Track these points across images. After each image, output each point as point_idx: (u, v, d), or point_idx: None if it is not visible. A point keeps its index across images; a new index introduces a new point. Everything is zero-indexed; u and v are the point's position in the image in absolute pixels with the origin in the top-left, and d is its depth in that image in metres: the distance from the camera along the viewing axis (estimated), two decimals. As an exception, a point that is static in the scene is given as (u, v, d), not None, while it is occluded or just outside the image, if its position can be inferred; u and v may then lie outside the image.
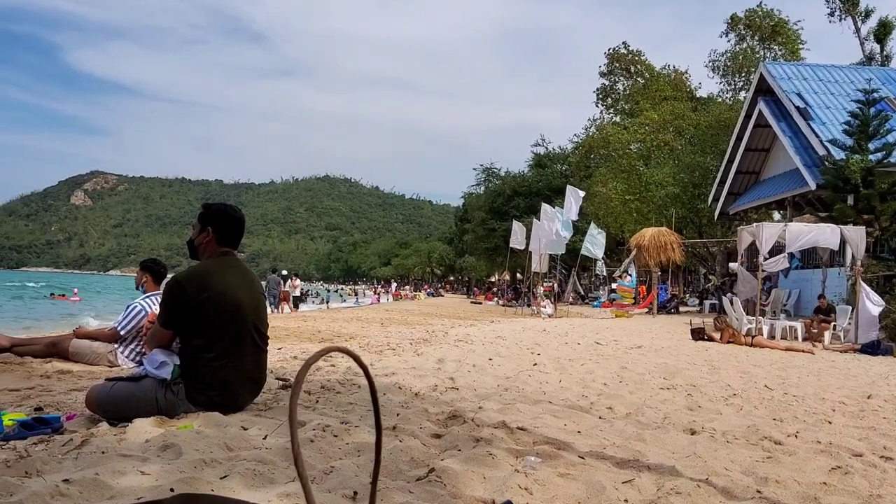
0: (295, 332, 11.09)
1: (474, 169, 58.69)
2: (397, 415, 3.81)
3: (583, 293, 38.93)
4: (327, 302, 43.66)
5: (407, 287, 72.13)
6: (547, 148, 52.71)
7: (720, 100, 35.90)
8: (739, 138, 24.97)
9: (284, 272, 22.22)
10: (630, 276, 28.96)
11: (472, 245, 56.06)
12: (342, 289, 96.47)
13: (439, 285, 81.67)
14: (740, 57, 34.32)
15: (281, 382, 4.75)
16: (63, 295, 36.82)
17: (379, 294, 55.54)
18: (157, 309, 6.06)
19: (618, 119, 40.43)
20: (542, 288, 27.41)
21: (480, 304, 38.80)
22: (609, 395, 5.21)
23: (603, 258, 31.26)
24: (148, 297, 6.46)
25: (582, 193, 24.24)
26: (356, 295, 58.75)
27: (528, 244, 26.42)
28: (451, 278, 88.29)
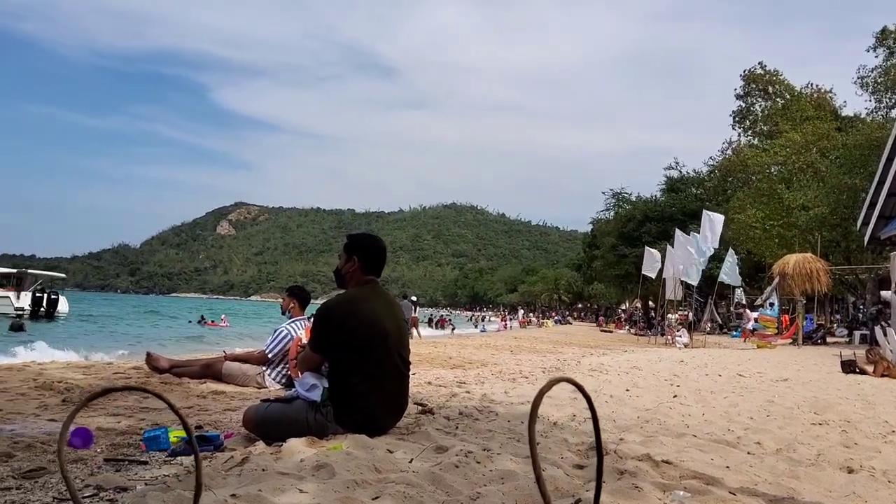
0: (426, 357, 11.26)
1: (603, 193, 57.89)
2: (537, 443, 3.80)
3: (721, 322, 37.31)
4: (453, 328, 44.08)
5: (532, 315, 71.70)
6: (680, 171, 51.22)
7: (870, 119, 33.67)
8: (891, 159, 23.28)
9: (413, 298, 22.74)
10: (772, 304, 27.50)
11: (602, 272, 55.07)
12: (460, 315, 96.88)
13: (567, 313, 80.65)
14: (892, 72, 32.11)
15: (419, 407, 4.84)
16: (213, 321, 39.18)
17: (506, 321, 55.45)
18: (302, 334, 6.37)
19: (756, 141, 38.69)
20: (675, 316, 26.52)
21: (611, 332, 38.00)
22: (756, 430, 4.96)
23: (742, 285, 29.88)
24: (294, 321, 6.77)
25: (721, 218, 23.24)
26: (482, 321, 58.90)
27: (661, 271, 25.68)
28: (580, 305, 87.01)
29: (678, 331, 24.06)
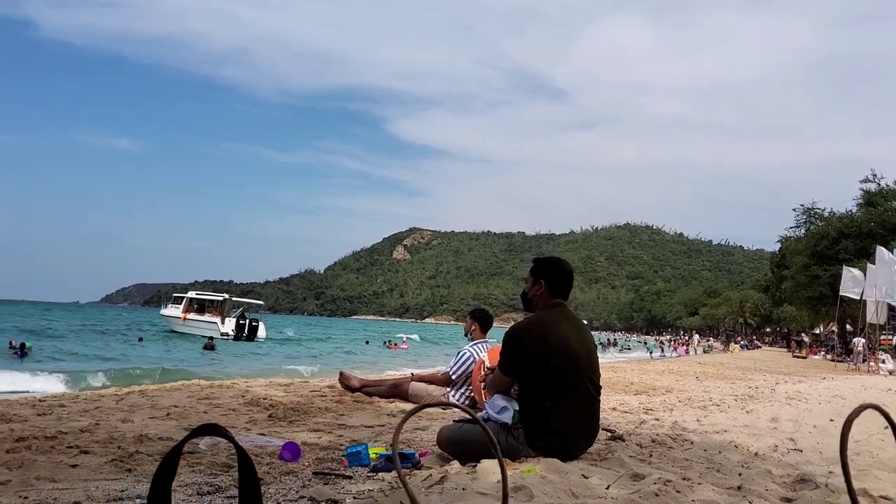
0: (607, 382, 10.97)
1: (793, 210, 54.03)
2: (739, 474, 3.62)
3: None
4: (651, 352, 43.03)
5: (711, 339, 68.06)
6: (878, 183, 46.92)
7: None
8: None
9: (584, 321, 22.54)
10: None
11: (792, 293, 51.38)
12: (634, 339, 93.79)
13: (754, 337, 75.96)
14: None
15: (608, 433, 4.76)
16: (395, 344, 40.87)
17: (687, 345, 53.14)
18: (485, 356, 6.46)
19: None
20: (862, 340, 24.23)
21: (804, 358, 35.31)
22: None
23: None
24: (476, 344, 6.89)
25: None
26: (662, 347, 56.83)
27: (862, 292, 23.60)
28: (767, 329, 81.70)
29: (882, 357, 21.96)
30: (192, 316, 40.29)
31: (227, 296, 42.42)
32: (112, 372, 15.06)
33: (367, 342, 44.75)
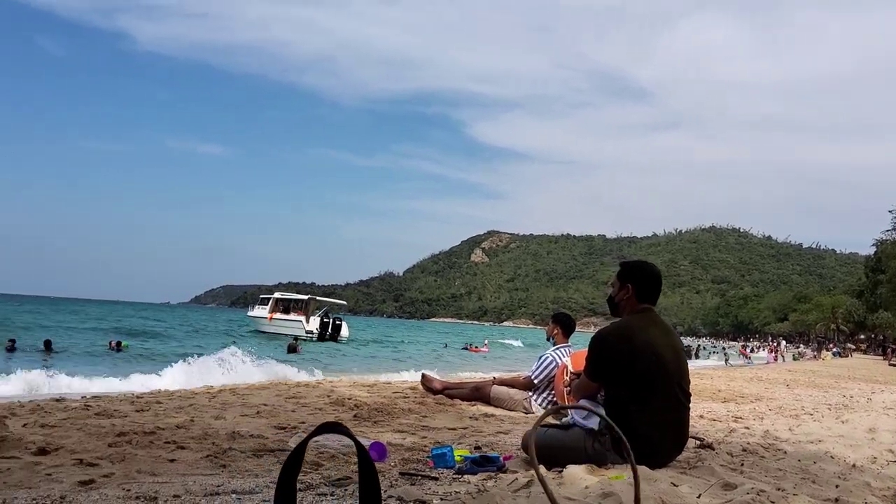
0: (692, 389, 10.75)
1: (890, 212, 51.52)
2: (836, 486, 3.47)
3: None
4: (726, 359, 41.79)
5: (801, 345, 65.38)
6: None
7: None
8: None
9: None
10: None
11: (889, 298, 49.06)
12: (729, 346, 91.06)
13: (847, 344, 72.70)
14: None
15: (697, 441, 4.64)
16: (476, 347, 40.94)
17: (776, 352, 51.28)
18: (567, 360, 6.41)
19: None
20: None
21: (903, 366, 33.57)
22: None
23: None
24: (558, 348, 6.84)
25: None
26: (746, 354, 54.96)
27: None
28: (861, 336, 78.04)
29: None
30: (278, 316, 41.40)
31: (310, 296, 43.35)
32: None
33: (446, 345, 45.01)
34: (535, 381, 6.82)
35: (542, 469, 3.55)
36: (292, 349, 25.95)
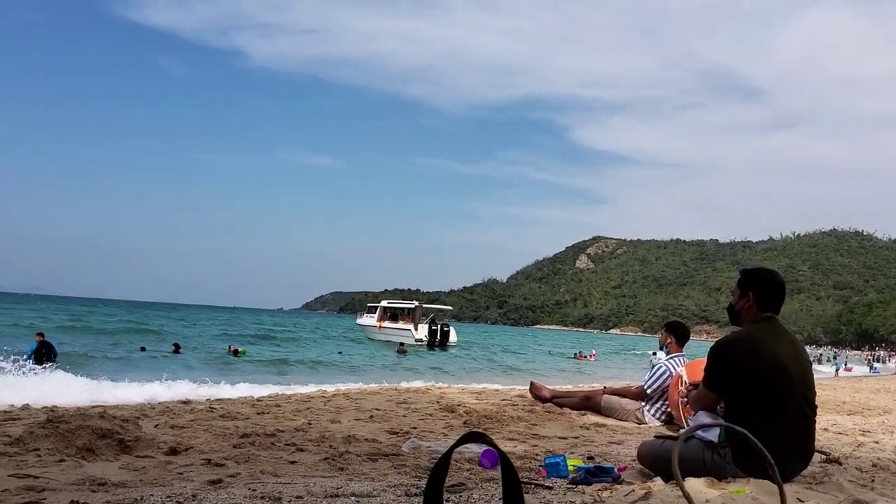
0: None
1: None
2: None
3: None
4: (838, 369, 39.49)
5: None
6: None
7: None
8: None
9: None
10: None
11: None
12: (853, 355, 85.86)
13: None
14: None
15: (822, 455, 4.42)
16: (584, 355, 40.42)
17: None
18: (681, 370, 6.24)
19: None
20: None
21: None
22: None
23: None
24: (672, 358, 6.66)
25: None
26: (873, 362, 51.73)
27: None
28: None
29: None
30: (386, 324, 42.17)
31: (417, 303, 43.94)
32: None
33: (550, 352, 44.62)
34: (648, 391, 6.67)
35: (658, 481, 3.47)
36: (402, 351, 27.19)
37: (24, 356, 16.65)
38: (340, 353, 30.13)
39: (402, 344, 29.23)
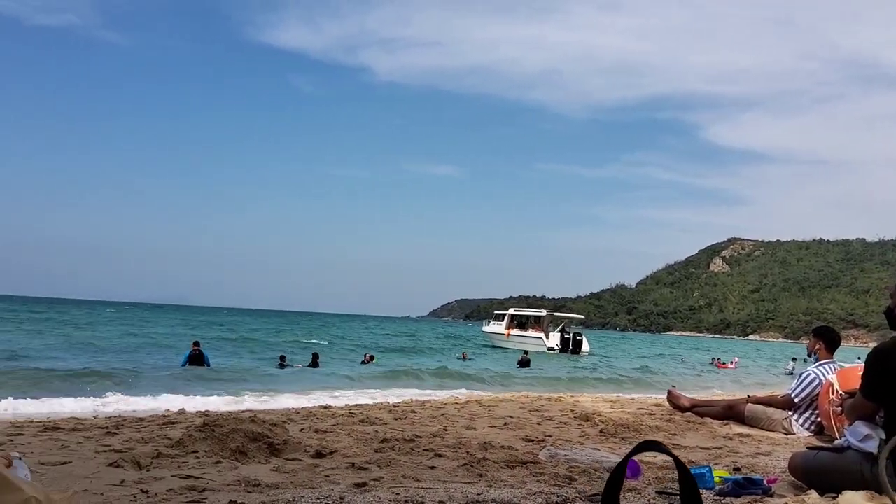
0: None
1: None
2: None
3: None
4: None
5: None
6: None
7: None
8: None
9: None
10: None
11: None
12: None
13: None
14: None
15: None
16: (724, 363, 38.85)
17: None
18: (832, 377, 5.90)
19: None
20: None
21: None
22: None
23: None
24: (821, 365, 6.31)
25: None
26: None
27: None
28: None
29: None
30: (515, 332, 42.11)
31: (546, 312, 43.63)
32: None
33: (682, 359, 43.12)
34: (796, 400, 6.34)
35: (812, 494, 3.31)
36: (524, 363, 26.25)
37: (180, 363, 17.92)
38: (471, 358, 30.41)
39: (525, 352, 28.97)
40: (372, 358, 24.05)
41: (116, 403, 9.70)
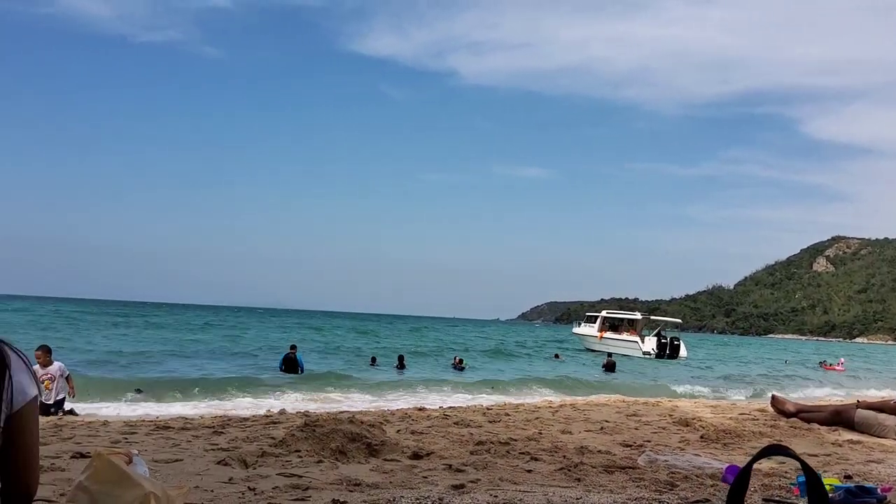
0: None
1: None
2: None
3: None
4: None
5: None
6: None
7: None
8: None
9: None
10: None
11: None
12: None
13: None
14: None
15: None
16: (831, 365, 37.17)
17: None
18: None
19: None
20: None
21: None
22: None
23: None
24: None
25: None
26: None
27: None
28: None
29: None
30: (608, 335, 41.33)
31: (644, 315, 42.59)
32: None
33: (786, 362, 41.40)
34: (911, 406, 6.01)
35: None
36: (610, 367, 25.51)
37: (278, 365, 18.50)
38: (563, 361, 30.12)
39: (609, 355, 28.28)
40: (461, 361, 24.14)
41: (221, 404, 10.11)
